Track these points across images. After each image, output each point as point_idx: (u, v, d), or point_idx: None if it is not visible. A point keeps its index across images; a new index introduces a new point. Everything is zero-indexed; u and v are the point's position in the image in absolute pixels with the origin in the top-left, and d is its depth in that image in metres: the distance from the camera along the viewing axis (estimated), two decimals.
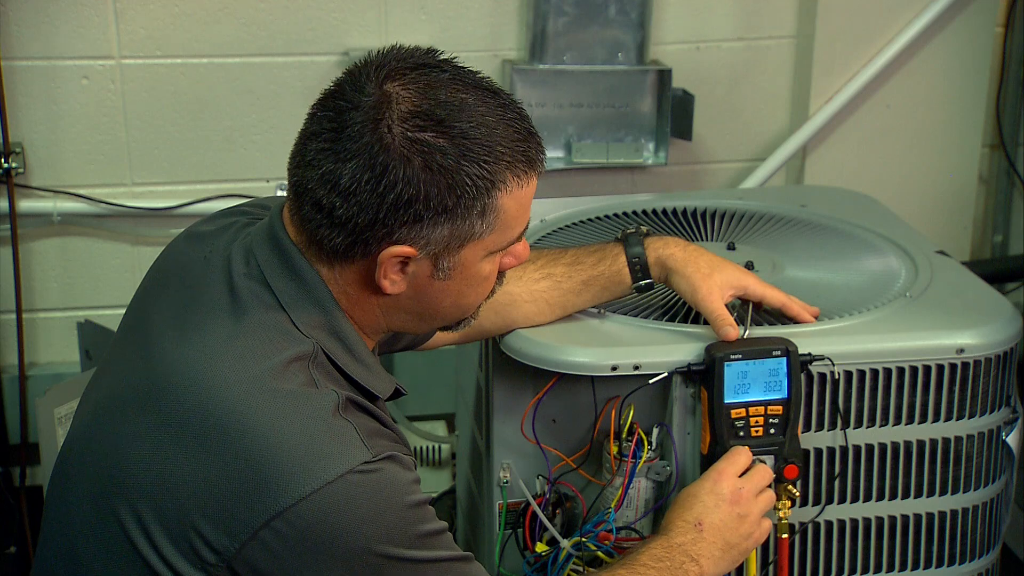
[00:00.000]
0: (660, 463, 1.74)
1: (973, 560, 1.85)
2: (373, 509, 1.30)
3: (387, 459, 1.33)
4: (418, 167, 1.32)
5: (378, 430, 1.37)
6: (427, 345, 1.79)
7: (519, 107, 1.39)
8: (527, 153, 1.38)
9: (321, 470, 1.28)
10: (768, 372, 1.69)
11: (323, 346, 1.37)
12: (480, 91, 1.37)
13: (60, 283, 2.68)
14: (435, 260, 1.38)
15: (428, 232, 1.35)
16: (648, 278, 1.75)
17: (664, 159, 2.70)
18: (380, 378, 1.45)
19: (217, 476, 1.29)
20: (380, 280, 1.38)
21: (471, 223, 1.36)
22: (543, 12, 2.60)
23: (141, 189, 2.64)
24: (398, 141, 1.31)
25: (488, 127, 1.34)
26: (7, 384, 2.69)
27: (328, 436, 1.30)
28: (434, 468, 2.81)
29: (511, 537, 1.80)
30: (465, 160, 1.33)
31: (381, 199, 1.32)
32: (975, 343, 1.75)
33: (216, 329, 1.36)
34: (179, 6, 2.55)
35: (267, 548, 1.28)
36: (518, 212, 1.40)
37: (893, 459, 1.78)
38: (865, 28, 2.72)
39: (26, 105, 2.56)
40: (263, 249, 1.41)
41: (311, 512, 1.27)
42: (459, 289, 1.43)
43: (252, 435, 1.29)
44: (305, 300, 1.38)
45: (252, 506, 1.27)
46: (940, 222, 2.87)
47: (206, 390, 1.32)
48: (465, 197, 1.34)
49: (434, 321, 1.49)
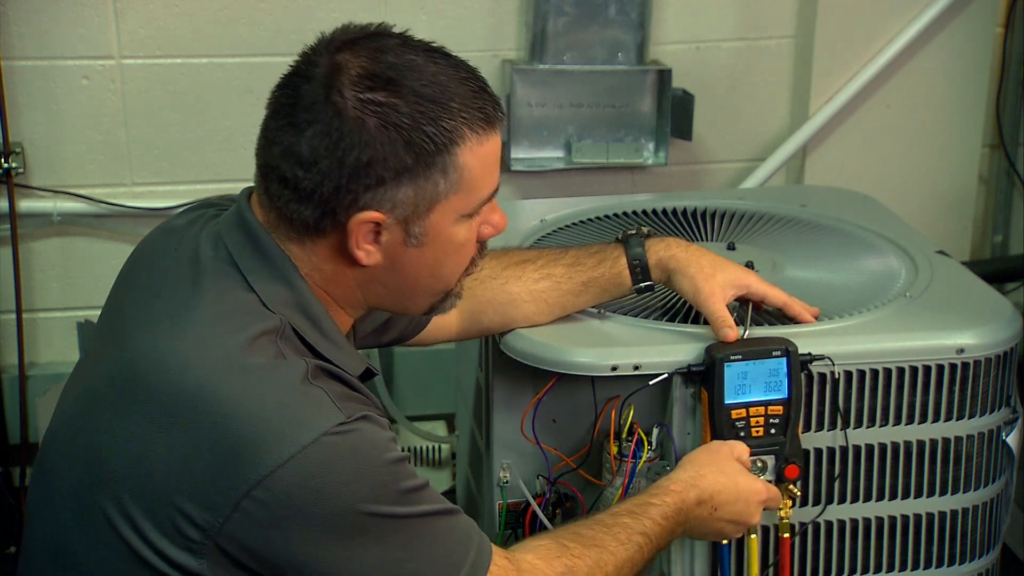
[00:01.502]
0: (660, 463, 1.74)
1: (973, 560, 1.85)
2: (353, 469, 1.29)
3: (361, 419, 1.32)
4: (373, 128, 1.32)
5: (348, 394, 1.36)
6: (426, 338, 1.78)
7: (471, 67, 1.40)
8: (483, 109, 1.37)
9: (296, 435, 1.27)
10: (768, 372, 1.69)
11: (291, 322, 1.37)
12: (430, 53, 1.38)
13: (60, 283, 2.68)
14: (406, 225, 1.38)
15: (392, 194, 1.35)
16: (649, 280, 1.75)
17: (664, 159, 2.70)
18: (349, 355, 1.44)
19: (193, 453, 1.28)
20: (354, 250, 1.38)
21: (434, 182, 1.36)
22: (543, 12, 2.60)
23: (141, 189, 2.64)
24: (351, 104, 1.32)
25: (440, 85, 1.35)
26: (7, 384, 2.69)
27: (300, 402, 1.30)
28: (434, 468, 2.81)
29: (511, 537, 1.80)
30: (421, 117, 1.33)
31: (341, 164, 1.33)
32: (975, 343, 1.75)
33: (183, 313, 1.36)
34: (179, 6, 2.55)
35: (250, 519, 1.27)
36: (482, 171, 1.39)
37: (893, 459, 1.78)
38: (865, 28, 2.72)
39: (26, 105, 2.56)
40: (231, 233, 1.41)
41: (290, 478, 1.27)
42: (435, 257, 1.42)
43: (224, 408, 1.28)
44: (272, 278, 1.38)
45: (230, 478, 1.27)
46: (940, 222, 2.87)
47: (175, 371, 1.31)
48: (424, 154, 1.34)
49: (415, 297, 1.47)
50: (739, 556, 1.76)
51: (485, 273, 1.76)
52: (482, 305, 1.75)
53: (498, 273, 1.76)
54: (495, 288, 1.75)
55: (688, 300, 1.75)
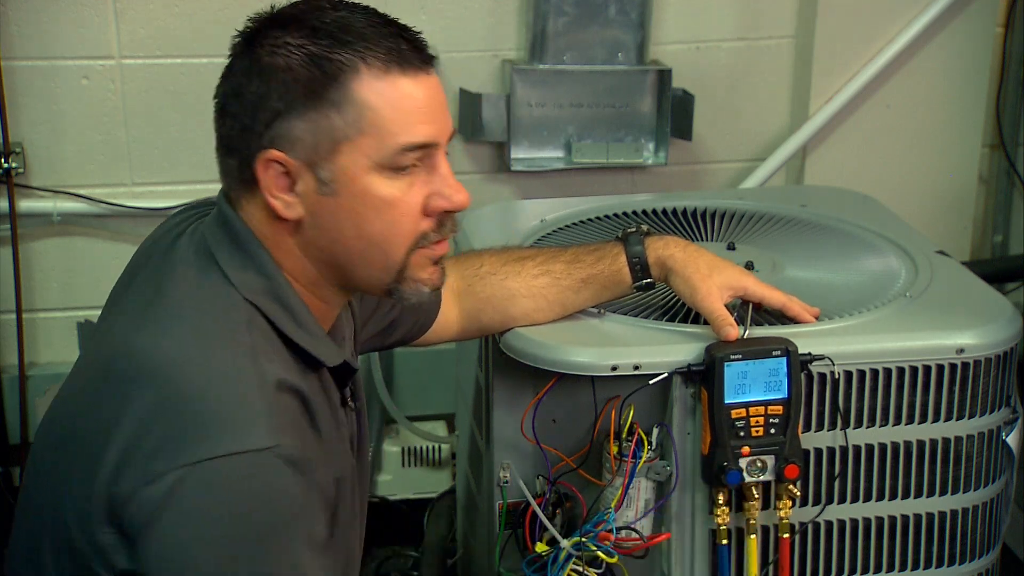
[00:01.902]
0: (660, 463, 1.74)
1: (973, 560, 1.85)
2: (231, 503, 1.24)
3: (280, 455, 1.26)
4: (265, 62, 1.34)
5: (296, 422, 1.32)
6: (426, 340, 1.79)
7: (396, 20, 1.39)
8: (387, 44, 1.34)
9: (215, 444, 1.24)
10: (768, 372, 1.69)
11: (265, 311, 1.36)
12: (354, 7, 1.38)
13: (60, 283, 2.68)
14: (313, 169, 1.35)
15: (288, 128, 1.34)
16: (648, 278, 1.75)
17: (664, 159, 2.70)
18: (326, 345, 1.41)
19: (136, 424, 1.27)
20: (270, 200, 1.36)
21: (328, 116, 1.33)
22: (543, 12, 2.60)
23: (141, 189, 2.64)
24: (257, 47, 1.35)
25: (342, 22, 1.35)
26: (7, 384, 2.69)
27: (242, 409, 1.27)
28: (434, 468, 2.81)
29: (511, 537, 1.80)
30: (314, 48, 1.33)
31: (242, 104, 1.35)
32: (975, 343, 1.75)
33: (158, 303, 1.36)
34: (179, 6, 2.55)
35: (141, 508, 1.25)
36: (393, 113, 1.34)
37: (893, 459, 1.78)
38: (865, 28, 2.72)
39: (26, 105, 2.56)
40: (211, 226, 1.41)
41: (184, 484, 1.23)
42: (353, 209, 1.36)
43: (171, 388, 1.27)
44: (247, 267, 1.38)
45: (154, 455, 1.25)
46: (940, 222, 2.87)
47: (141, 355, 1.31)
48: (312, 83, 1.32)
49: (356, 267, 1.41)
50: (739, 556, 1.77)
51: (485, 270, 1.77)
52: (482, 303, 1.76)
53: (497, 269, 1.76)
54: (495, 284, 1.75)
55: (684, 300, 1.75)
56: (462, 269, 1.78)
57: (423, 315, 1.76)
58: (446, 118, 1.40)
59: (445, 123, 1.40)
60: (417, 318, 1.75)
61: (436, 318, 1.77)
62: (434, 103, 1.38)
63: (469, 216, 2.21)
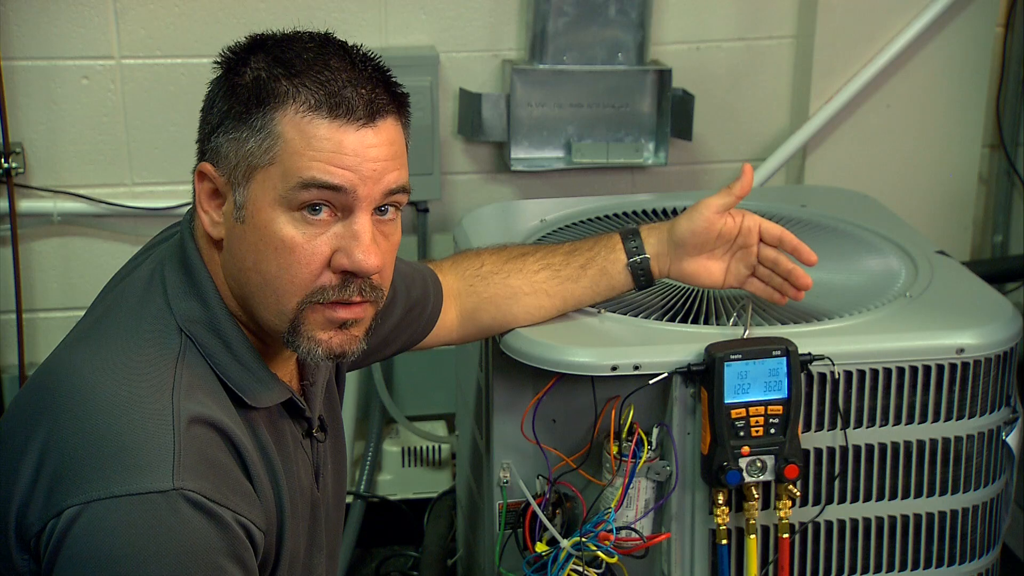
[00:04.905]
0: (660, 463, 1.74)
1: (973, 560, 1.85)
2: (130, 546, 1.19)
3: (184, 498, 1.21)
4: (228, 77, 1.34)
5: (210, 460, 1.25)
6: (426, 343, 1.78)
7: (381, 68, 1.35)
8: (332, 88, 1.29)
9: (114, 481, 1.19)
10: (768, 372, 1.69)
11: (199, 342, 1.32)
12: (338, 48, 1.35)
13: (60, 283, 2.68)
14: (234, 190, 1.32)
15: (219, 143, 1.33)
16: (644, 254, 1.75)
17: (664, 159, 2.70)
18: (263, 383, 1.35)
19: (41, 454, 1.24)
20: (201, 215, 1.35)
21: (247, 137, 1.30)
22: (543, 12, 2.60)
23: (141, 189, 2.64)
24: (232, 63, 1.35)
25: (306, 57, 1.32)
26: (7, 384, 2.69)
27: (146, 445, 1.21)
28: (434, 468, 2.81)
29: (511, 537, 1.80)
30: (263, 72, 1.32)
31: (204, 113, 1.36)
32: (975, 343, 1.75)
33: (98, 327, 1.34)
34: (179, 6, 2.55)
35: (50, 540, 1.21)
36: (302, 149, 1.28)
37: (893, 459, 1.78)
38: (865, 28, 2.72)
39: (26, 105, 2.56)
40: (171, 248, 1.40)
41: (85, 519, 1.19)
42: (255, 242, 1.31)
43: (81, 422, 1.23)
44: (191, 295, 1.34)
45: (54, 486, 1.21)
46: (940, 222, 2.87)
47: (62, 376, 1.29)
48: (247, 105, 1.31)
49: (255, 302, 1.33)
50: (738, 556, 1.77)
51: (487, 269, 1.76)
52: (484, 302, 1.75)
53: (500, 268, 1.76)
54: (498, 283, 1.75)
55: (687, 231, 1.74)
56: (462, 269, 1.78)
57: (418, 328, 1.75)
58: (379, 173, 1.31)
59: (373, 177, 1.30)
60: (412, 332, 1.74)
61: (435, 326, 1.77)
62: (362, 155, 1.30)
63: (469, 216, 2.21)
